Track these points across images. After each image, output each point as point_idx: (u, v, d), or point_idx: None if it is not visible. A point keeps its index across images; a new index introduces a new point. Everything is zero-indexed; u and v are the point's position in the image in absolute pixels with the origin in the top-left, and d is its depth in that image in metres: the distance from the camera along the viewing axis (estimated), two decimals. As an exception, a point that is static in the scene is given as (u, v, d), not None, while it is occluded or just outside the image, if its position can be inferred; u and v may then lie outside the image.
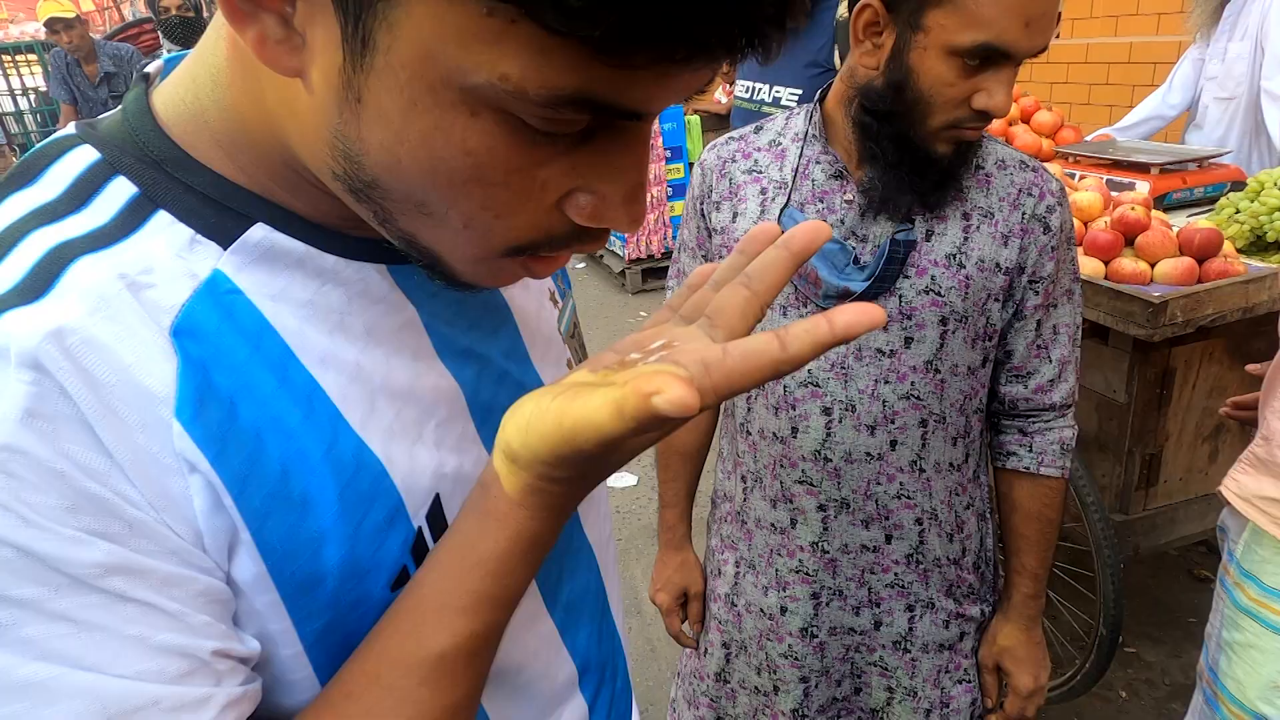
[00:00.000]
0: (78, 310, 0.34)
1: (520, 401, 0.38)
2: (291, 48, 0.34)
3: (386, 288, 0.44)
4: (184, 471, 0.35)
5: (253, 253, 0.40)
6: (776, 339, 0.33)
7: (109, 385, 0.34)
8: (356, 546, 0.40)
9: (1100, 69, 4.03)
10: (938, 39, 0.87)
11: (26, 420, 0.31)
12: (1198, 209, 2.12)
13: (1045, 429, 1.12)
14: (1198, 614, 2.32)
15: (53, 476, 0.32)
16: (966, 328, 1.02)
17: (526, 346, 0.53)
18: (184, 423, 0.35)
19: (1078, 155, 2.35)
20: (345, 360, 0.41)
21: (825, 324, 0.33)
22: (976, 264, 1.01)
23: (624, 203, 0.37)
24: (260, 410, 0.38)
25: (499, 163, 0.34)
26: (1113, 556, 1.74)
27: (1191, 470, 1.82)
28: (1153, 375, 1.67)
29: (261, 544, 0.38)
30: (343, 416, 0.41)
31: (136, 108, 0.41)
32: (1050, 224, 1.03)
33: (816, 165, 1.04)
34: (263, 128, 0.39)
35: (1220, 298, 1.58)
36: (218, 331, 0.37)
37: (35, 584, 0.31)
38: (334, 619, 0.40)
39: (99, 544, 0.32)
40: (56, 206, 0.37)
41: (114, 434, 0.33)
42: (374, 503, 0.41)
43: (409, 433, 0.43)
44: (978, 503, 1.16)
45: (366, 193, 0.37)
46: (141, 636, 0.33)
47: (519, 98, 0.31)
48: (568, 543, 0.55)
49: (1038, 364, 1.09)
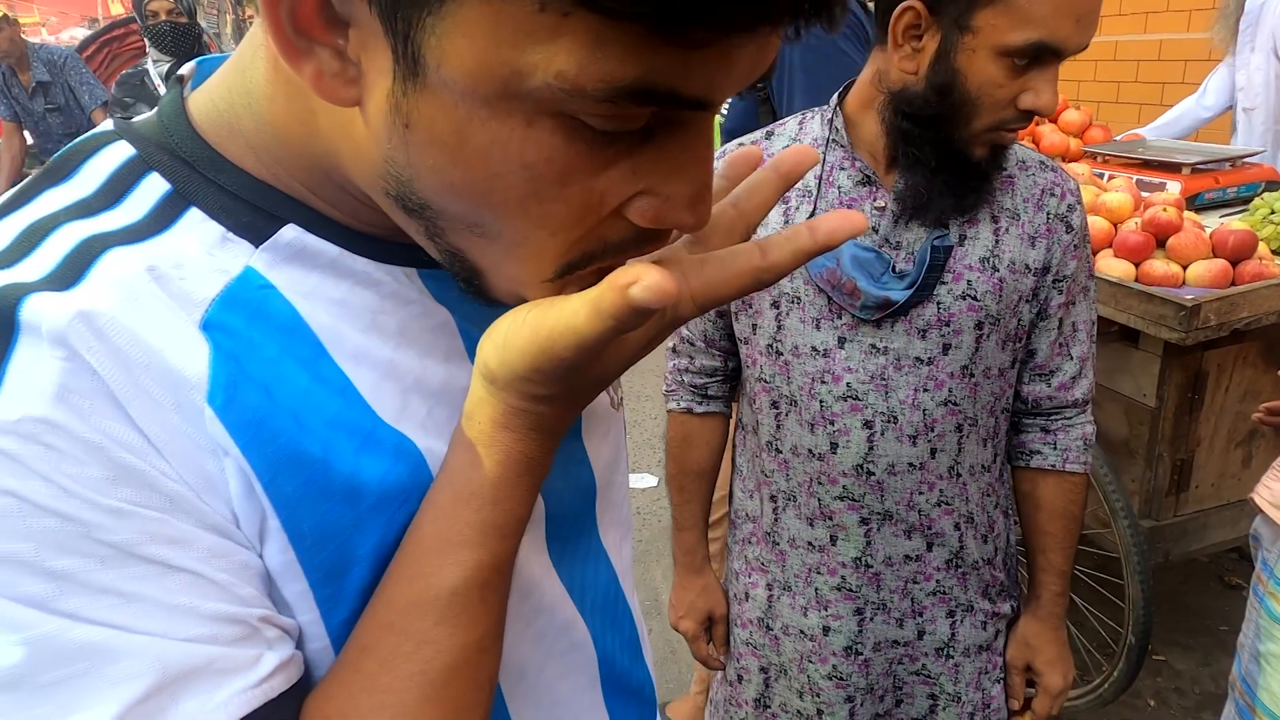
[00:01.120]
0: (108, 298, 0.34)
1: (496, 321, 0.37)
2: (348, 79, 0.34)
3: (416, 291, 0.44)
4: (219, 454, 0.35)
5: (284, 251, 0.40)
6: (757, 247, 0.33)
7: (141, 365, 0.34)
8: (389, 535, 0.40)
9: (1129, 66, 3.97)
10: (988, 39, 0.86)
11: (62, 394, 0.31)
12: (1230, 209, 2.08)
13: (1068, 426, 1.13)
14: (1229, 621, 2.28)
15: (91, 449, 0.32)
16: (999, 330, 1.03)
17: None
18: (216, 409, 0.35)
19: (1107, 155, 2.31)
20: (379, 358, 0.41)
21: (806, 231, 0.33)
22: (1008, 266, 1.01)
23: (690, 203, 0.36)
24: (295, 401, 0.38)
25: (557, 174, 0.33)
26: (1142, 563, 1.72)
27: (1224, 476, 1.79)
28: (1184, 379, 1.65)
29: (292, 532, 0.37)
30: (375, 412, 0.40)
31: (172, 108, 0.41)
32: (1072, 223, 1.04)
33: (841, 172, 1.01)
34: (307, 144, 0.39)
35: (1255, 301, 1.55)
36: (248, 327, 0.37)
37: (80, 555, 0.31)
38: (360, 609, 0.40)
39: (143, 513, 0.32)
40: (90, 202, 0.38)
41: (147, 413, 0.33)
42: (412, 493, 0.41)
43: (441, 432, 0.43)
44: (1003, 500, 1.17)
45: (420, 212, 0.36)
46: (191, 606, 0.33)
47: (577, 95, 0.30)
48: (588, 547, 0.55)
49: (1060, 362, 1.10)
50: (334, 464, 0.38)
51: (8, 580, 0.31)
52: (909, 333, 1.00)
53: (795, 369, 1.04)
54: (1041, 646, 1.15)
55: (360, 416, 0.40)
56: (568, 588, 0.52)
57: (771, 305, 1.04)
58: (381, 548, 0.40)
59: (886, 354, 1.01)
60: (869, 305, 0.98)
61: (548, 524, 0.50)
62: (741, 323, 1.09)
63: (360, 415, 0.40)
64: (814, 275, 0.99)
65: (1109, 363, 1.75)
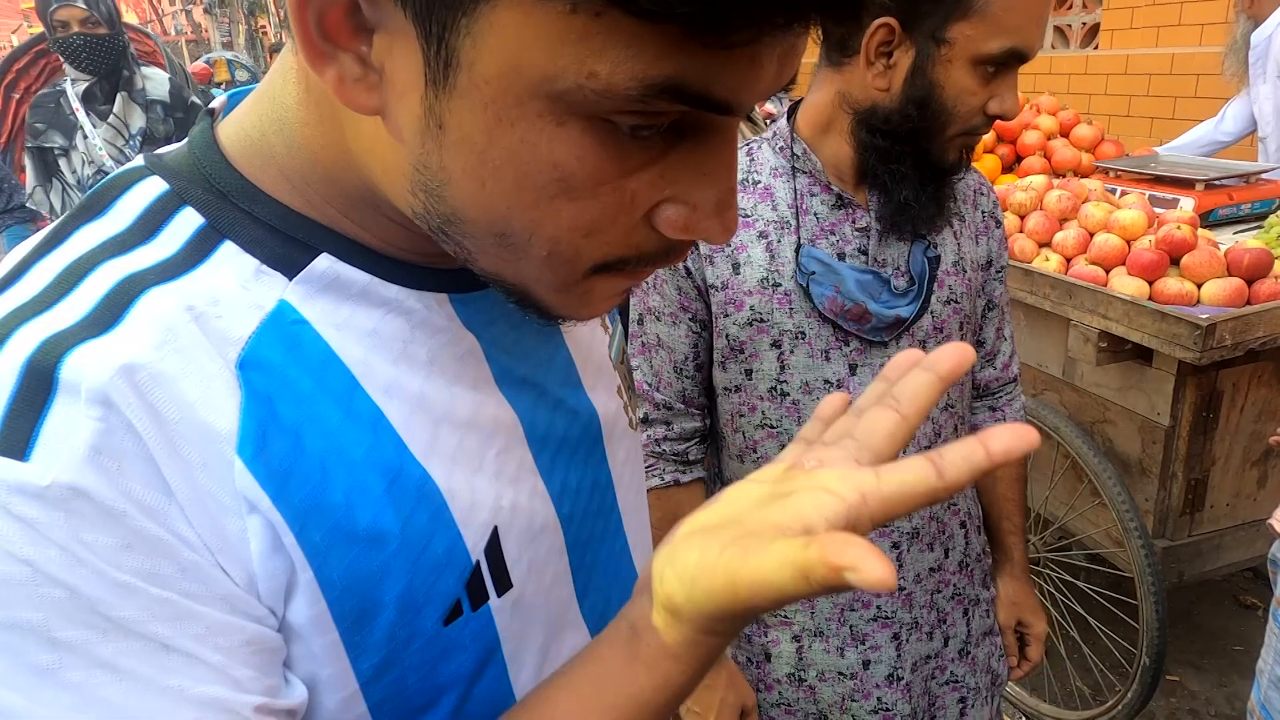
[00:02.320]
0: (146, 343, 0.34)
1: (676, 546, 0.36)
2: (369, 85, 0.34)
3: (446, 318, 0.44)
4: (242, 513, 0.35)
5: (318, 283, 0.40)
6: (933, 466, 0.33)
7: (174, 423, 0.34)
8: (414, 580, 0.40)
9: (1141, 80, 3.96)
10: (964, 50, 0.88)
11: (93, 457, 0.32)
12: (1245, 226, 2.07)
13: (1011, 400, 1.24)
14: (1244, 642, 2.26)
15: (112, 516, 0.32)
16: (971, 326, 1.09)
17: (580, 373, 0.52)
18: (245, 460, 0.35)
19: (1119, 170, 2.30)
20: (409, 389, 0.41)
21: (982, 450, 0.33)
22: (971, 266, 1.07)
23: (716, 211, 0.36)
24: (325, 442, 0.38)
25: (588, 174, 0.33)
26: (1156, 583, 1.70)
27: (1239, 496, 1.77)
28: (1199, 398, 1.63)
29: (323, 580, 0.37)
30: (407, 446, 0.40)
31: (203, 140, 0.41)
32: (998, 218, 1.13)
33: (814, 198, 1.00)
34: (337, 166, 0.39)
35: (1271, 320, 1.54)
36: (284, 363, 0.38)
37: (83, 627, 0.32)
38: (389, 655, 0.40)
39: (149, 589, 0.33)
40: (126, 238, 0.38)
41: (177, 472, 0.34)
42: (434, 536, 0.41)
43: (470, 462, 0.43)
44: (972, 486, 1.22)
45: (446, 230, 0.36)
46: (180, 688, 0.33)
47: (608, 96, 0.31)
48: (617, 573, 0.55)
49: (999, 344, 1.20)
50: (357, 510, 0.38)
51: (17, 647, 0.31)
52: (913, 347, 1.01)
53: (806, 407, 1.02)
54: (1024, 600, 1.22)
55: (390, 453, 0.40)
56: (588, 616, 0.52)
57: (772, 346, 1.00)
58: (407, 594, 0.40)
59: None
60: (879, 327, 0.98)
61: (570, 549, 0.50)
62: (730, 371, 1.04)
63: (390, 451, 0.40)
64: (820, 306, 0.98)
65: (1122, 381, 1.74)
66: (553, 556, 0.48)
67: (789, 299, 0.98)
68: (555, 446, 0.49)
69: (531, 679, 0.47)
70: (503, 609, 0.44)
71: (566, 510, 0.49)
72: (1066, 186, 1.99)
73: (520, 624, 0.46)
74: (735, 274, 0.99)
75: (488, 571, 0.43)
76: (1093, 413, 1.82)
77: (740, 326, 0.99)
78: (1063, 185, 2.00)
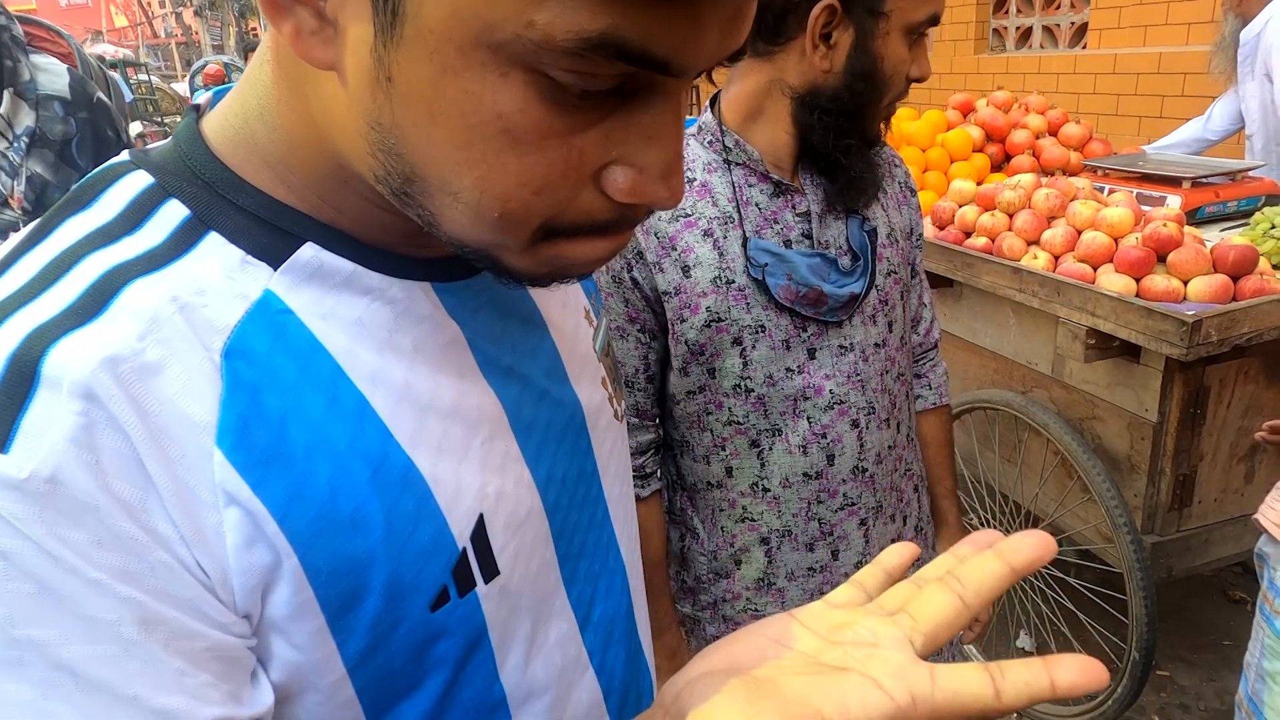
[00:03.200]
0: (130, 334, 0.34)
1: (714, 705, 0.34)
2: (325, 39, 0.35)
3: (430, 306, 0.44)
4: (219, 506, 0.35)
5: (303, 272, 0.40)
6: (992, 685, 0.32)
7: (156, 415, 0.34)
8: (400, 566, 0.40)
9: (1129, 80, 3.98)
10: (899, 20, 0.93)
11: (72, 451, 0.32)
12: (1231, 224, 2.08)
13: (933, 365, 1.29)
14: (1233, 636, 2.27)
15: (86, 511, 0.32)
16: (909, 293, 1.14)
17: (565, 365, 0.53)
18: (225, 450, 0.35)
19: (1107, 169, 2.32)
20: (394, 378, 0.42)
21: (1048, 681, 0.32)
22: (901, 235, 1.11)
23: (662, 176, 0.37)
24: (309, 432, 0.38)
25: (531, 125, 0.34)
26: (1145, 578, 1.71)
27: (1227, 491, 1.78)
28: (1186, 394, 1.64)
29: (308, 567, 0.37)
30: (392, 435, 0.41)
31: (187, 134, 0.42)
32: (911, 186, 1.17)
33: (752, 188, 1.00)
34: (310, 141, 0.39)
35: (1256, 316, 1.55)
36: (269, 353, 0.38)
37: (48, 626, 0.31)
38: (375, 640, 0.40)
39: (118, 587, 0.33)
40: (111, 229, 0.38)
41: (158, 466, 0.34)
42: (419, 523, 0.41)
43: (456, 451, 0.43)
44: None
45: (406, 190, 0.37)
46: (138, 697, 0.33)
47: (547, 48, 0.31)
48: (604, 564, 0.55)
49: (922, 311, 1.26)
50: (341, 498, 0.39)
51: None
52: (864, 322, 1.05)
53: (773, 399, 1.02)
54: None
55: (375, 442, 0.40)
56: (575, 605, 0.52)
57: (734, 343, 1.00)
58: (394, 580, 0.40)
59: (854, 349, 1.04)
60: (835, 307, 1.00)
61: (556, 537, 0.50)
62: (693, 375, 1.02)
63: (375, 440, 0.40)
64: (776, 296, 0.98)
65: (1111, 377, 1.75)
66: (539, 544, 0.48)
67: (744, 294, 0.98)
68: (540, 436, 0.49)
69: (519, 665, 0.47)
70: (490, 595, 0.45)
71: (552, 499, 0.49)
72: (1054, 185, 2.00)
73: (507, 611, 0.46)
74: (686, 277, 0.98)
75: (474, 558, 0.43)
76: (1081, 409, 1.84)
77: (699, 329, 0.99)
78: (1051, 184, 2.01)
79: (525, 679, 0.48)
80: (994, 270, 1.91)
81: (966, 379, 2.17)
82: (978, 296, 2.04)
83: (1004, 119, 2.63)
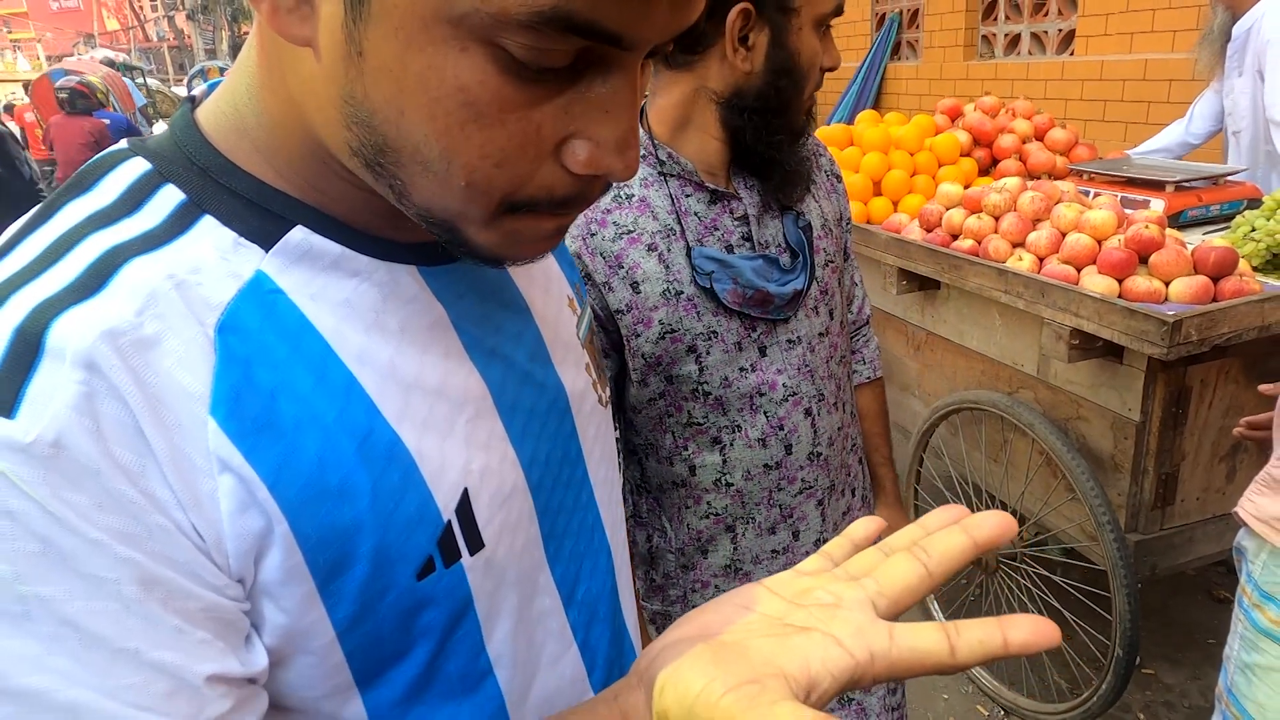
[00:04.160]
0: (129, 309, 0.36)
1: (680, 666, 0.36)
2: (301, 17, 0.37)
3: (417, 288, 0.46)
4: (214, 473, 0.37)
5: (293, 254, 0.42)
6: (947, 642, 0.34)
7: (153, 385, 0.36)
8: (387, 535, 0.42)
9: (1115, 86, 4.02)
10: (808, 15, 0.97)
11: (74, 417, 0.33)
12: (1214, 227, 2.11)
13: (866, 341, 1.36)
14: (1217, 635, 2.29)
15: (88, 474, 0.33)
16: (844, 279, 1.20)
17: (548, 349, 0.54)
18: (219, 420, 0.37)
19: (1092, 173, 2.34)
20: (380, 357, 0.43)
21: (1001, 639, 0.34)
22: (834, 223, 1.15)
23: (618, 149, 0.39)
24: (298, 405, 0.40)
25: (492, 98, 0.35)
26: (1128, 576, 1.73)
27: (1209, 490, 1.80)
28: (1168, 394, 1.67)
29: (298, 533, 0.39)
30: (378, 410, 0.42)
31: (183, 123, 0.44)
32: (837, 173, 1.22)
33: (689, 198, 1.02)
34: (291, 121, 0.41)
35: (1236, 316, 1.57)
36: (260, 329, 0.40)
37: (54, 583, 0.33)
38: (363, 606, 0.42)
39: (118, 548, 0.34)
40: (111, 211, 0.40)
41: (156, 433, 0.35)
42: (405, 495, 0.42)
43: (441, 428, 0.45)
44: None
45: (379, 160, 0.38)
46: (136, 650, 0.34)
47: (502, 21, 0.33)
48: (588, 545, 0.56)
49: (854, 290, 1.32)
50: (329, 469, 0.40)
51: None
52: (808, 315, 1.08)
53: (730, 398, 1.04)
54: (899, 524, 1.29)
55: (361, 416, 0.42)
56: (559, 582, 0.54)
57: (688, 351, 1.02)
58: (380, 549, 0.42)
59: (801, 341, 1.08)
60: (781, 304, 1.03)
61: (540, 515, 0.51)
62: (651, 385, 1.04)
63: (362, 415, 0.42)
64: (725, 301, 1.00)
65: (1094, 378, 1.77)
66: (523, 521, 0.50)
67: (694, 303, 1.00)
68: (525, 417, 0.51)
69: (505, 639, 0.49)
70: (475, 567, 0.46)
71: (536, 478, 0.51)
72: (1039, 188, 2.02)
73: (493, 584, 0.47)
74: (636, 293, 1.00)
75: (459, 530, 0.45)
76: (1066, 409, 1.86)
77: (653, 342, 1.01)
78: (1036, 187, 2.04)
79: (510, 651, 0.49)
80: (980, 272, 1.93)
81: (953, 380, 2.19)
82: (964, 298, 2.06)
83: (991, 124, 2.66)
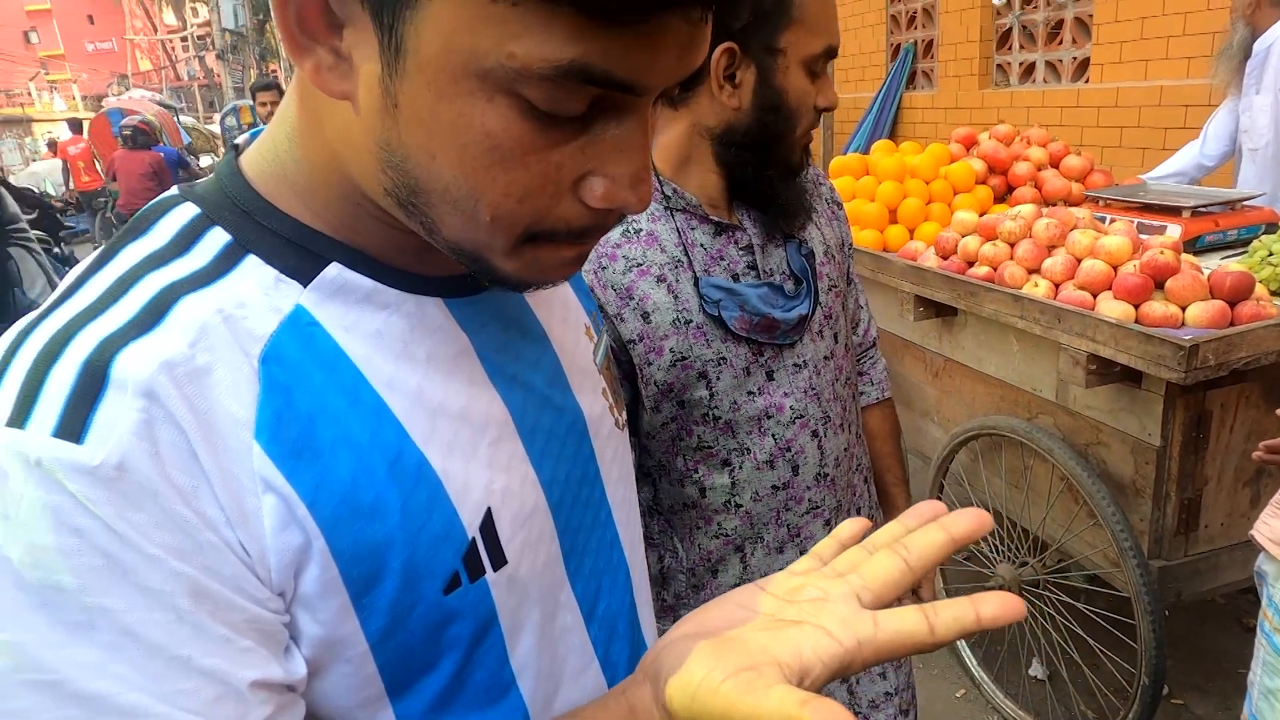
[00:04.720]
0: (183, 342, 0.40)
1: (686, 654, 0.40)
2: (341, 74, 0.40)
3: (442, 319, 0.50)
4: (258, 492, 0.40)
5: (329, 289, 0.46)
6: (926, 622, 0.37)
7: (205, 412, 0.39)
8: (415, 551, 0.45)
9: (1131, 113, 4.03)
10: (795, 55, 0.99)
11: (136, 443, 0.37)
12: (1232, 252, 2.11)
13: (874, 362, 1.39)
14: (1248, 665, 2.24)
15: (147, 495, 0.37)
16: (849, 303, 1.24)
17: (566, 375, 0.58)
18: (262, 443, 0.41)
19: (1108, 199, 2.36)
20: (408, 384, 0.47)
21: (973, 614, 0.38)
22: (837, 249, 1.19)
23: (631, 184, 0.42)
24: (333, 428, 0.43)
25: (515, 143, 0.39)
26: (1153, 603, 1.71)
27: (1233, 515, 1.79)
28: (1188, 419, 1.66)
29: (334, 549, 0.42)
30: (407, 433, 0.46)
31: (228, 170, 0.48)
32: (838, 200, 1.26)
33: (694, 231, 1.05)
34: (328, 166, 0.45)
35: (1253, 341, 1.57)
36: (299, 359, 0.43)
37: (116, 596, 0.36)
38: (394, 619, 0.45)
39: (173, 563, 0.37)
40: (164, 252, 0.44)
41: (208, 456, 0.39)
42: (432, 513, 0.46)
43: (465, 450, 0.48)
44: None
45: (412, 200, 0.42)
46: (189, 658, 0.37)
47: (525, 75, 0.36)
48: (607, 562, 0.59)
49: (860, 313, 1.36)
50: (361, 488, 0.43)
51: (55, 605, 0.35)
52: (813, 339, 1.11)
53: (739, 422, 1.07)
54: None
55: (391, 438, 0.45)
56: (580, 599, 0.56)
57: (699, 378, 1.05)
58: (409, 564, 0.45)
59: (807, 365, 1.11)
60: (787, 329, 1.07)
61: (560, 533, 0.54)
62: (664, 410, 1.06)
63: (392, 437, 0.45)
64: (733, 328, 1.03)
65: (1113, 403, 1.77)
66: (545, 539, 0.52)
67: (703, 331, 1.04)
68: (544, 439, 0.53)
69: (529, 652, 0.51)
70: (499, 583, 0.49)
71: (556, 498, 0.53)
72: (1054, 215, 2.04)
73: (516, 599, 0.50)
74: (647, 323, 1.03)
75: (483, 548, 0.48)
76: (1086, 435, 1.86)
77: (665, 370, 1.04)
78: (1050, 214, 2.05)
79: (534, 664, 0.51)
80: (996, 298, 1.94)
81: (972, 406, 2.19)
82: (981, 324, 2.07)
83: (1006, 152, 2.68)
